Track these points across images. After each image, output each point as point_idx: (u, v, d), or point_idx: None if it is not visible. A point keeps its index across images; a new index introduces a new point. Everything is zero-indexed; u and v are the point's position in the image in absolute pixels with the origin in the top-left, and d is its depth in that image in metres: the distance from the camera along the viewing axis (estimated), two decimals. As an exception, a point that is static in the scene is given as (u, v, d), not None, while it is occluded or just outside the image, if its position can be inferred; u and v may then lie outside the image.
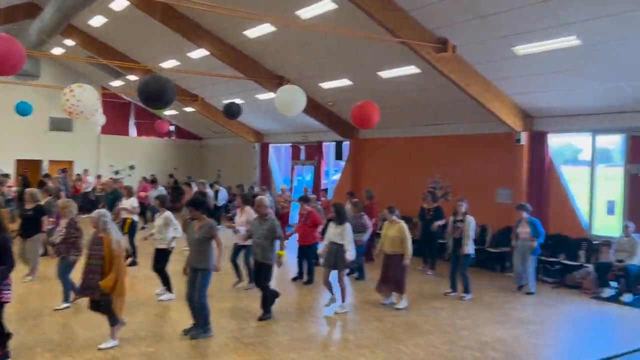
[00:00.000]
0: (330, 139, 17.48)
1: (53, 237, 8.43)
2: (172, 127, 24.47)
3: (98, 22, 16.07)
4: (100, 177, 20.57)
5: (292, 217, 15.97)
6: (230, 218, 14.54)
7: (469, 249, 9.40)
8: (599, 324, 8.49)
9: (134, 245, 11.17)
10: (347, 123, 15.77)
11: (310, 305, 8.85)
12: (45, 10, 13.36)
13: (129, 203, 11.38)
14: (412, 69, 11.61)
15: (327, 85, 14.08)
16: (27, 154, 21.72)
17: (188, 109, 20.82)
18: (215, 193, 16.89)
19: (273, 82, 14.56)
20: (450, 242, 9.75)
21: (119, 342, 6.46)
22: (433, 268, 11.65)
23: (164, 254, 8.64)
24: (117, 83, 21.14)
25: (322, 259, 8.65)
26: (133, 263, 10.68)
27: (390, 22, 9.54)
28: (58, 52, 19.67)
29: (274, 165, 21.23)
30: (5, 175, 17.62)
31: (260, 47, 13.54)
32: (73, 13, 12.44)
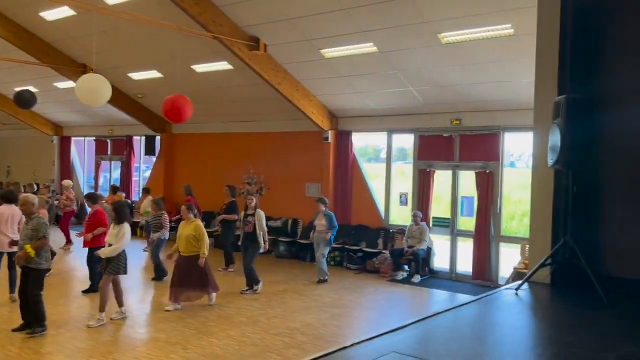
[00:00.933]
0: (141, 133, 16.74)
1: None
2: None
3: None
4: None
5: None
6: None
7: (262, 242, 9.35)
8: (394, 303, 9.49)
9: None
10: (158, 117, 15.25)
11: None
12: None
13: None
14: (224, 65, 11.67)
15: (136, 76, 13.45)
16: None
17: (-31, 96, 18.23)
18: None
19: (74, 69, 13.46)
20: (242, 236, 9.72)
21: None
22: (232, 263, 11.39)
23: None
24: None
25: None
26: None
27: (203, 16, 9.48)
28: None
29: (76, 161, 19.62)
30: None
31: (60, 31, 12.42)
32: None
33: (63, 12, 11.23)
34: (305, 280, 10.54)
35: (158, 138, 16.47)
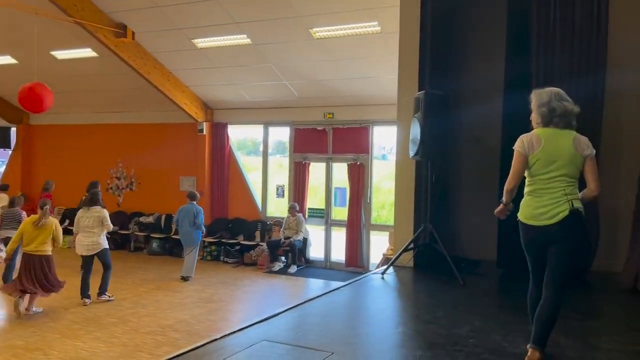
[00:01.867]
0: (-7, 124, 15.20)
1: None
2: None
3: None
4: None
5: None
6: None
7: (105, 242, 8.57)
8: (270, 294, 9.58)
9: None
10: (13, 106, 13.95)
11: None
12: None
13: None
14: (89, 52, 10.97)
15: (-14, 63, 12.19)
16: None
17: None
18: None
19: None
20: None
21: None
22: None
23: None
24: None
25: None
26: None
27: (63, 1, 8.83)
28: None
29: None
30: None
31: None
32: None
33: None
34: (179, 277, 10.28)
35: (14, 130, 15.09)
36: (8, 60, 11.94)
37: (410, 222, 6.17)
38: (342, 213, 11.57)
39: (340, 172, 11.61)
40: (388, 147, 13.36)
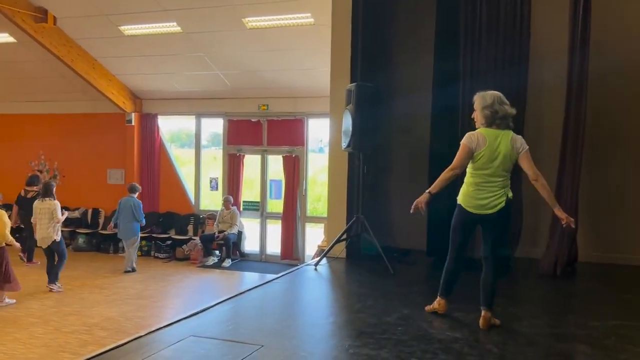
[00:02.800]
0: None
1: None
2: None
3: None
4: None
5: None
6: None
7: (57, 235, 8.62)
8: (203, 288, 9.41)
9: None
10: None
11: None
12: None
13: None
14: (6, 37, 10.32)
15: None
16: None
17: None
18: None
19: None
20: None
21: None
22: (30, 259, 10.34)
23: None
24: None
25: None
26: None
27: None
28: None
29: None
30: None
31: None
32: None
33: None
34: (108, 273, 9.90)
35: None
36: None
37: (343, 213, 6.21)
38: (277, 206, 11.52)
39: (276, 164, 11.54)
40: (324, 140, 13.42)
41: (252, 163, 11.82)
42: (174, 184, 12.20)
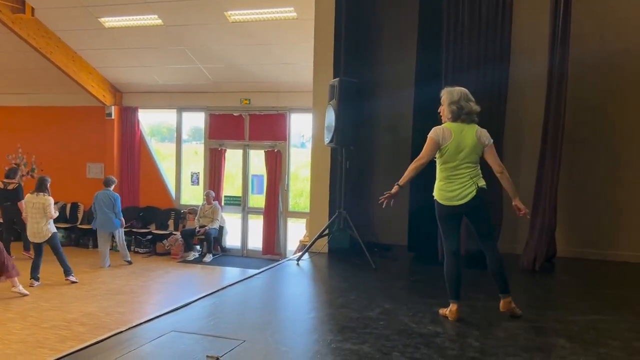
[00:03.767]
0: None
1: None
2: None
3: None
4: None
5: None
6: None
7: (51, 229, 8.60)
8: (184, 283, 9.34)
9: None
10: None
11: None
12: None
13: None
14: (-19, 27, 10.08)
15: None
16: None
17: None
18: None
19: None
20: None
21: None
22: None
23: None
24: None
25: None
26: None
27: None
28: None
29: None
30: None
31: None
32: None
33: None
34: (87, 268, 9.78)
35: None
36: None
37: (325, 208, 6.21)
38: (259, 201, 11.47)
39: (258, 159, 11.49)
40: (306, 135, 13.40)
41: (233, 158, 11.75)
42: (155, 179, 12.07)
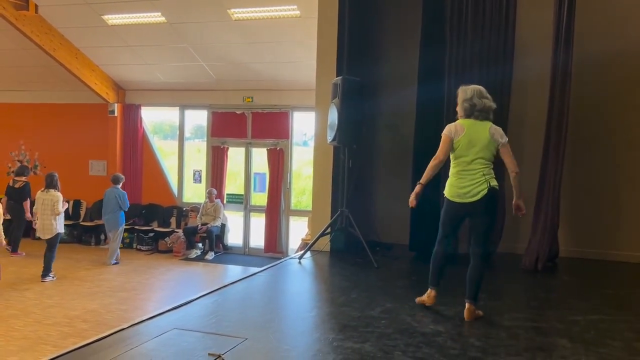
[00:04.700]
0: None
1: None
2: None
3: None
4: None
5: None
6: None
7: (59, 228, 8.75)
8: (186, 281, 9.35)
9: None
10: None
11: None
12: None
13: None
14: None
15: None
16: None
17: None
18: None
19: None
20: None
21: None
22: (15, 250, 10.31)
23: None
24: None
25: None
26: None
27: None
28: None
29: None
30: None
31: None
32: None
33: None
34: (89, 265, 9.80)
35: None
36: None
37: (328, 207, 6.22)
38: (261, 199, 11.48)
39: (260, 157, 11.49)
40: (309, 133, 13.40)
41: (236, 156, 11.76)
42: (157, 176, 12.09)
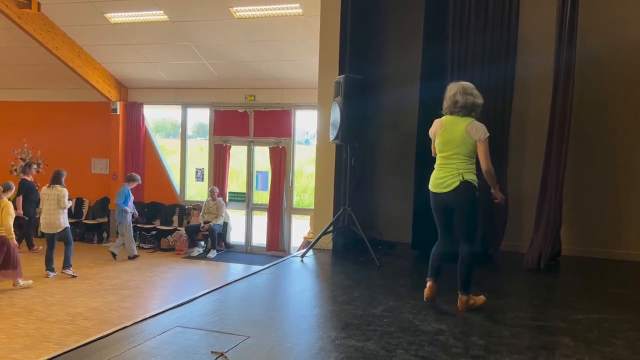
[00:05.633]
0: None
1: None
2: None
3: None
4: None
5: None
6: None
7: (64, 222, 8.86)
8: (189, 279, 9.38)
9: None
10: None
11: None
12: None
13: None
14: (-12, 23, 10.11)
15: None
16: None
17: None
18: None
19: None
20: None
21: None
22: (31, 245, 10.57)
23: None
24: None
25: None
26: None
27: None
28: None
29: None
30: None
31: None
32: None
33: None
34: (92, 263, 9.82)
35: None
36: None
37: (330, 205, 6.21)
38: (263, 197, 11.49)
39: (262, 155, 11.50)
40: (311, 131, 13.38)
41: (238, 154, 11.76)
42: (159, 174, 12.10)
